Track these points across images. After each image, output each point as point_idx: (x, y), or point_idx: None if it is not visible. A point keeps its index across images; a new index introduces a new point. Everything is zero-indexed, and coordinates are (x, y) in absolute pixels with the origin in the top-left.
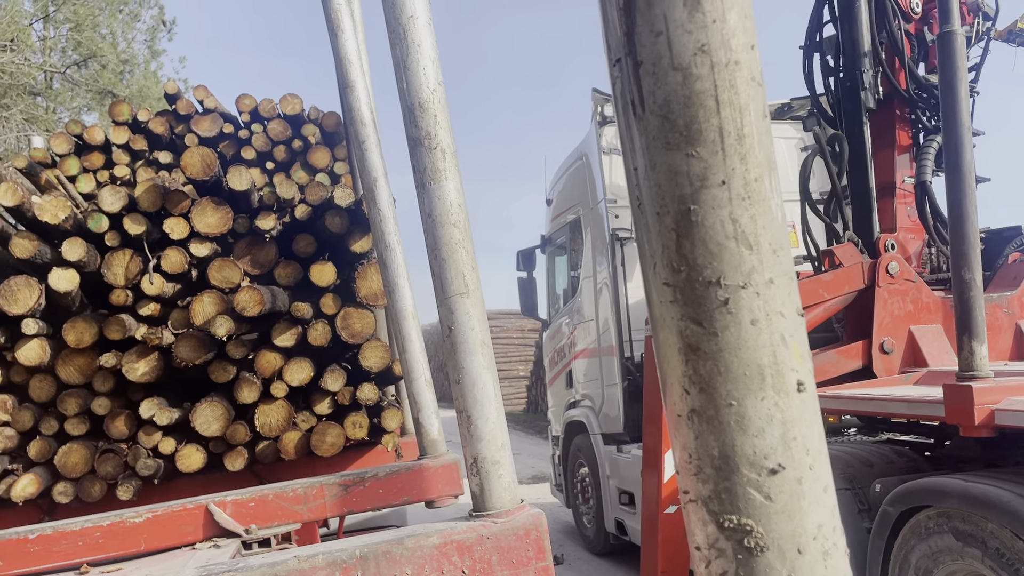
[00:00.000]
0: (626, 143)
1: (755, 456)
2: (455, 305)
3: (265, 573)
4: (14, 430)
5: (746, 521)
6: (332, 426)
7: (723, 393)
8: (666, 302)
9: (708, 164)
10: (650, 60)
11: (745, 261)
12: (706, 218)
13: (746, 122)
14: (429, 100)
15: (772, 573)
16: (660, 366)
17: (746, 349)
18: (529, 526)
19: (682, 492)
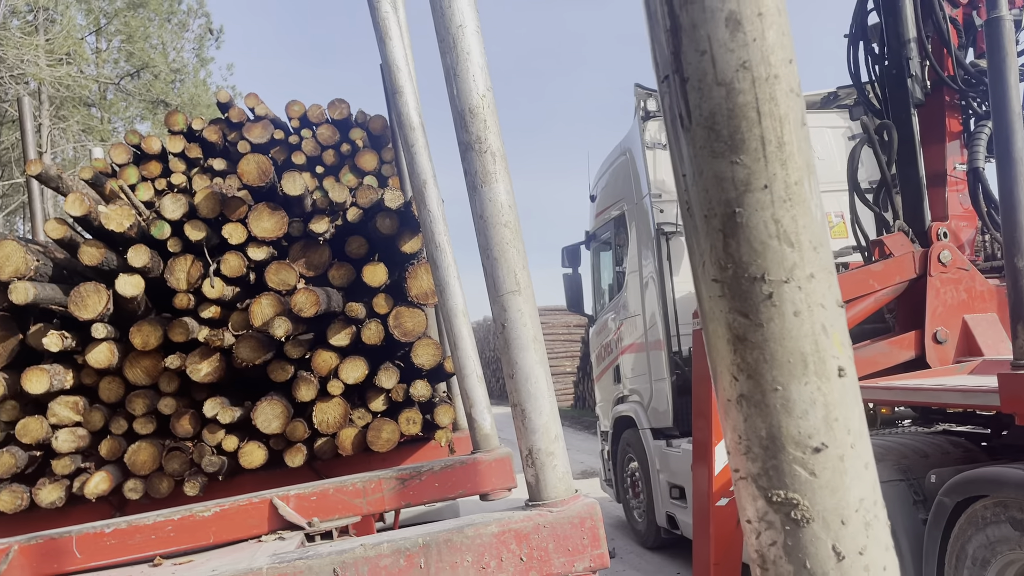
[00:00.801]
0: (675, 152)
1: (800, 436)
2: (507, 303)
3: (334, 560)
4: (86, 430)
5: (793, 495)
6: (387, 422)
7: (769, 379)
8: (715, 297)
9: (751, 170)
10: (696, 76)
11: (787, 258)
12: (750, 219)
13: (786, 131)
14: (479, 106)
15: (817, 542)
16: (710, 355)
17: (790, 338)
18: (584, 515)
19: (733, 470)
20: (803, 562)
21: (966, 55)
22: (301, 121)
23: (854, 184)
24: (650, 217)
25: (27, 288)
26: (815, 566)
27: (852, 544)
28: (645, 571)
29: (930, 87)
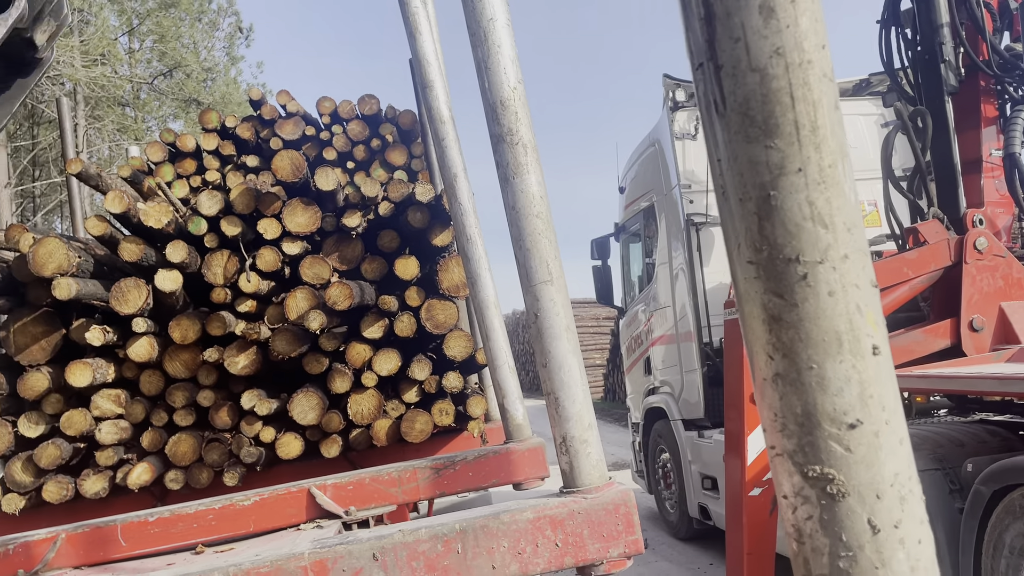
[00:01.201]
0: (709, 137)
1: (835, 413)
2: (540, 292)
3: (373, 545)
4: (128, 422)
5: (828, 470)
6: (420, 413)
7: (804, 358)
8: (750, 278)
9: (785, 154)
10: (730, 63)
11: (821, 239)
12: (785, 202)
13: (819, 115)
14: (510, 98)
15: (853, 516)
16: (746, 336)
17: (824, 318)
18: (618, 501)
19: (769, 447)
20: (839, 535)
21: (1001, 39)
22: (332, 117)
23: (888, 171)
24: (680, 208)
25: (70, 284)
26: (851, 539)
27: (887, 518)
28: (677, 562)
29: (964, 73)
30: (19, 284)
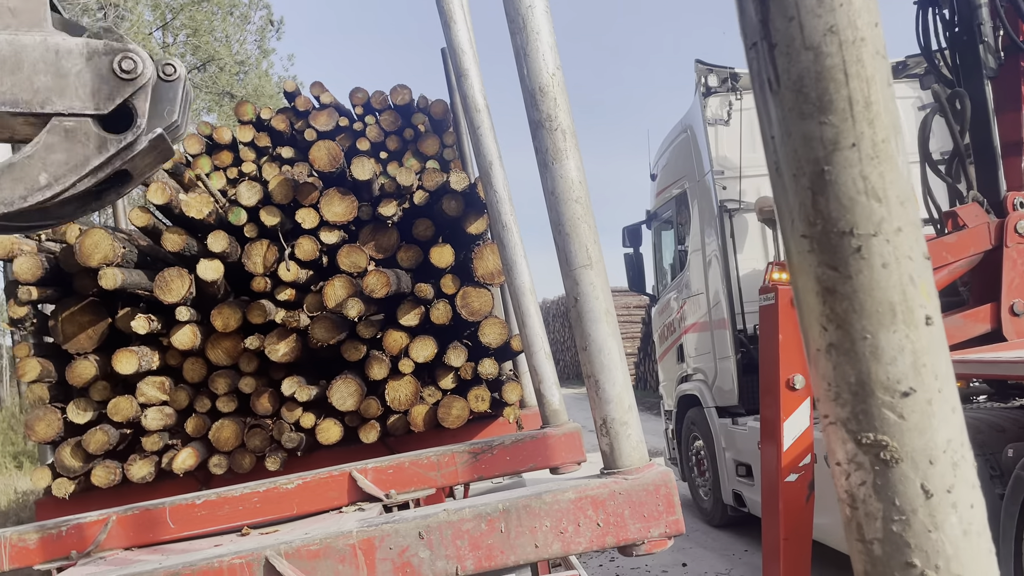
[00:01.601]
0: (763, 115)
1: (888, 381)
2: (580, 276)
3: (419, 524)
4: (172, 408)
5: (881, 437)
6: (457, 399)
7: (858, 328)
8: (804, 252)
9: (839, 130)
10: (784, 42)
11: (875, 212)
12: (839, 177)
13: (872, 91)
14: (549, 84)
15: (906, 481)
16: (799, 308)
17: (878, 289)
18: (659, 482)
19: (822, 416)
20: (892, 500)
21: None
22: (365, 108)
23: (925, 155)
24: (713, 194)
25: (115, 274)
26: (904, 503)
27: (940, 483)
28: (712, 548)
29: (1004, 54)
30: (66, 274)
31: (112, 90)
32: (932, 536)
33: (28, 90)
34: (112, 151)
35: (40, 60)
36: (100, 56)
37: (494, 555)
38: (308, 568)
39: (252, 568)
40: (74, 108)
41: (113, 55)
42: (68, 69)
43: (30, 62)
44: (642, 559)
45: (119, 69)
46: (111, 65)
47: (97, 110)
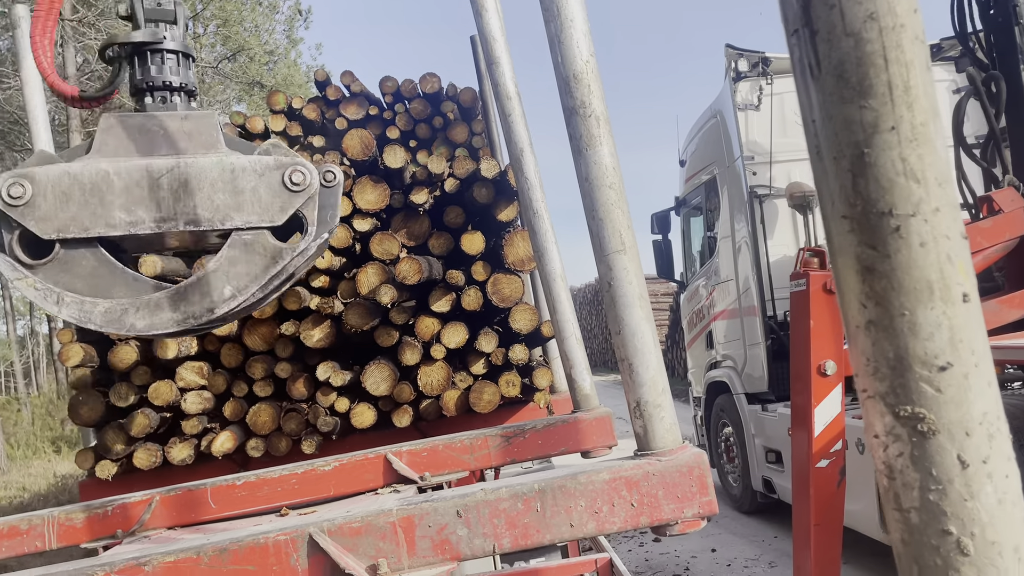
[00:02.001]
0: (804, 99)
1: (926, 356)
2: (613, 262)
3: (457, 503)
4: (211, 392)
5: (919, 410)
6: (488, 384)
7: (896, 305)
8: (844, 232)
9: (879, 113)
10: (825, 29)
11: (914, 193)
12: (878, 159)
13: (911, 75)
14: (583, 71)
15: (943, 452)
16: (839, 286)
17: (916, 267)
18: (692, 464)
19: (860, 391)
20: (929, 470)
21: None
22: (394, 96)
23: (959, 139)
24: (743, 180)
25: (155, 261)
26: (940, 474)
27: (976, 454)
28: (741, 535)
29: None
30: None
31: (284, 202)
32: (968, 505)
33: (209, 208)
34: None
35: (218, 179)
36: (272, 171)
37: (530, 533)
38: (350, 544)
39: (296, 544)
40: (251, 222)
41: (283, 169)
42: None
43: (209, 182)
44: (671, 545)
45: (290, 182)
46: (282, 179)
47: (272, 222)
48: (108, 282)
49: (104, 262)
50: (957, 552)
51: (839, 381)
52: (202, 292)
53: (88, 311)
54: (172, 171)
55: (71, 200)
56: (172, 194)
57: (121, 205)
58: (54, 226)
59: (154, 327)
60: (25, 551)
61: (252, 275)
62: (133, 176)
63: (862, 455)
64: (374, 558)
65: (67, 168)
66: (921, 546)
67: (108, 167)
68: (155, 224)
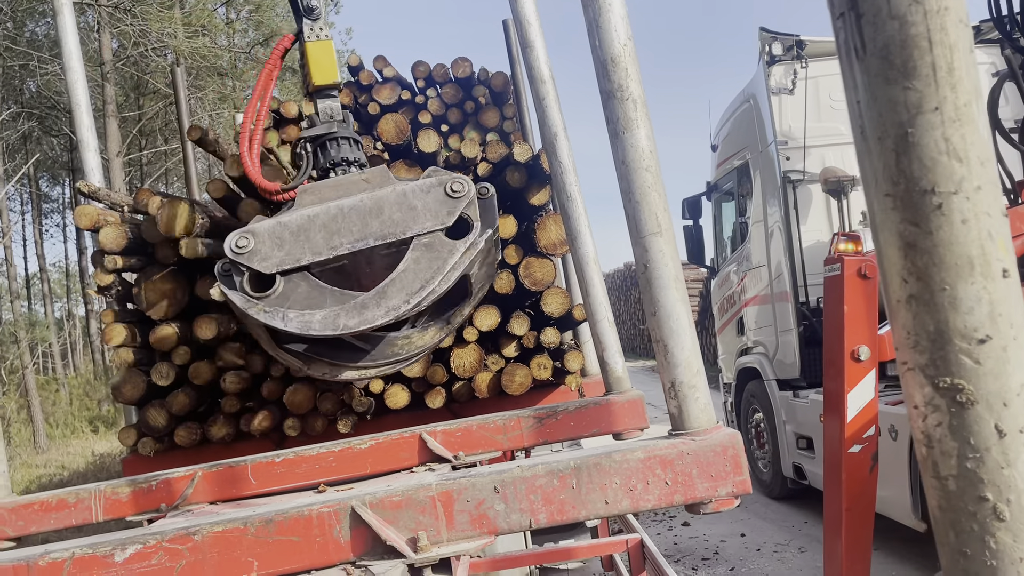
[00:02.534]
0: (848, 81)
1: (966, 329)
2: (649, 244)
3: (495, 479)
4: (248, 372)
5: (958, 381)
6: (520, 367)
7: (937, 280)
8: (887, 210)
9: (923, 94)
10: (871, 12)
11: (956, 172)
12: (921, 139)
13: (955, 57)
14: (620, 55)
15: (981, 422)
16: (880, 262)
17: (957, 244)
18: (726, 444)
19: (900, 363)
20: (967, 439)
21: None
22: (426, 81)
23: (995, 122)
24: (776, 165)
25: (196, 244)
26: (978, 442)
27: (1013, 423)
28: (772, 520)
29: None
30: (148, 244)
31: (450, 208)
32: (1004, 472)
33: (391, 225)
34: (461, 251)
35: (395, 203)
36: (435, 187)
37: (566, 510)
38: (391, 517)
39: (339, 517)
40: (427, 228)
41: (444, 183)
42: (416, 203)
43: (388, 205)
44: (699, 529)
45: (451, 191)
46: (445, 190)
47: (444, 224)
48: (320, 298)
49: (315, 285)
50: (993, 518)
51: (873, 366)
52: (397, 288)
53: (308, 321)
54: (360, 203)
55: (284, 242)
56: (361, 220)
57: (323, 237)
58: (274, 263)
59: (364, 323)
60: (73, 523)
61: (435, 268)
62: (330, 213)
63: (895, 441)
64: (414, 531)
65: (278, 219)
66: (958, 512)
67: (309, 211)
68: (351, 244)
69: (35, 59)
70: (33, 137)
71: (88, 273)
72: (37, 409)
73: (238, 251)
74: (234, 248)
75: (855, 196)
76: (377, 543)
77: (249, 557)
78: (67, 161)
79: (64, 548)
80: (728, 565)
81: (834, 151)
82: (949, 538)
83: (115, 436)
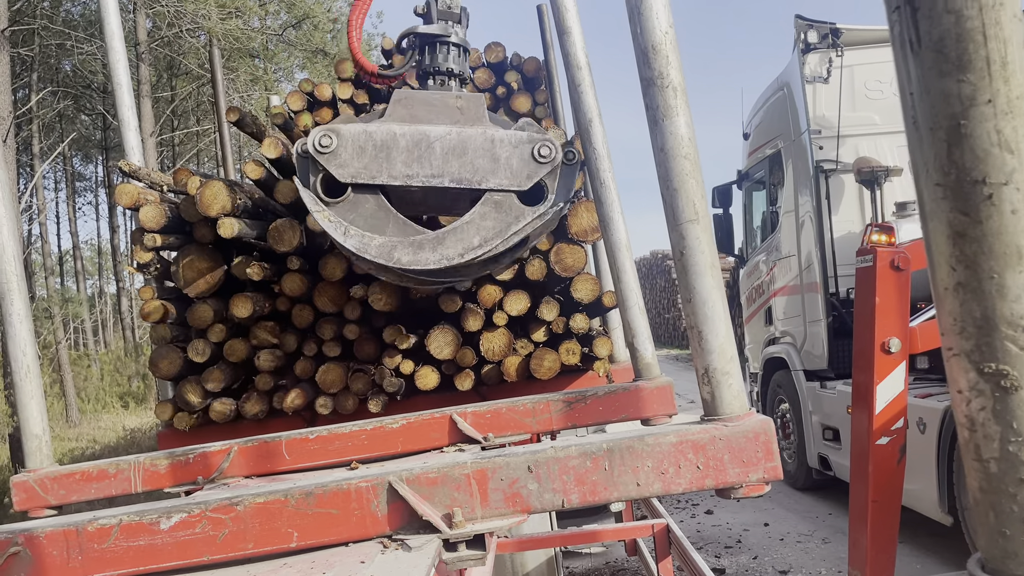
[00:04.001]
0: (902, 73)
1: (1012, 317)
2: (686, 231)
3: (528, 459)
4: (282, 351)
5: (1003, 367)
6: (549, 352)
7: (986, 269)
8: (937, 199)
9: (976, 87)
10: (926, 6)
11: (1007, 163)
12: (974, 130)
13: (1009, 51)
14: (661, 42)
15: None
16: (929, 250)
17: (1007, 233)
18: (758, 430)
19: (946, 349)
20: (1010, 423)
21: None
22: None
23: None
24: (809, 154)
25: (233, 223)
26: (1021, 427)
27: None
28: (796, 511)
29: None
30: (186, 223)
31: (532, 171)
32: None
33: (470, 170)
34: (528, 219)
35: (480, 148)
36: (525, 144)
37: (598, 491)
38: (427, 493)
39: (376, 491)
40: (503, 185)
41: (534, 144)
42: (500, 154)
43: (472, 148)
44: (723, 517)
45: (538, 155)
46: (532, 151)
47: (519, 187)
48: (384, 223)
49: (383, 207)
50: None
51: (903, 359)
52: (456, 238)
53: (367, 243)
54: (446, 137)
55: (365, 153)
56: (443, 155)
57: (403, 161)
58: (350, 172)
59: (416, 263)
60: (112, 493)
61: (497, 230)
62: (415, 138)
63: (923, 434)
64: (449, 507)
65: (365, 127)
66: (999, 494)
67: (396, 129)
68: (427, 178)
69: (72, 38)
70: (67, 116)
71: (120, 251)
72: (69, 384)
73: (321, 149)
74: (317, 145)
75: (888, 187)
76: (413, 518)
77: (289, 528)
78: (100, 140)
79: (112, 515)
80: (751, 554)
81: (868, 141)
82: (989, 519)
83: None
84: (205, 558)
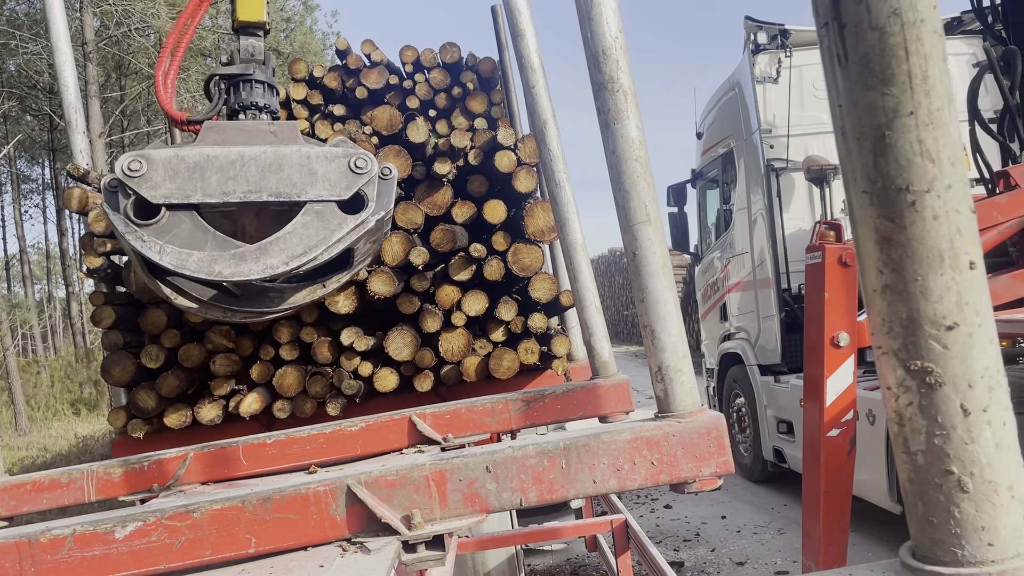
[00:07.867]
0: (831, 86)
1: (935, 316)
2: (638, 232)
3: (486, 459)
4: (238, 355)
5: (927, 364)
6: (507, 351)
7: (910, 271)
8: (864, 206)
9: (899, 100)
10: (852, 22)
11: (929, 172)
12: (898, 141)
13: (929, 66)
14: (611, 47)
15: (948, 402)
16: (858, 254)
17: (929, 238)
18: (710, 425)
19: (876, 347)
20: (935, 417)
21: None
22: (414, 66)
23: (975, 113)
24: (760, 153)
25: None
26: (945, 421)
27: (977, 403)
28: (752, 503)
29: None
30: None
31: (350, 182)
32: (969, 448)
33: (288, 184)
34: (351, 226)
35: (297, 163)
36: (340, 158)
37: (556, 489)
38: (386, 496)
39: (335, 495)
40: (322, 195)
41: (349, 157)
42: (317, 168)
43: (289, 164)
44: (681, 511)
45: (355, 166)
46: (348, 164)
47: (339, 197)
48: (202, 241)
49: (199, 226)
50: (958, 490)
51: (852, 352)
52: (279, 248)
53: (184, 259)
54: (261, 156)
55: (178, 175)
56: (260, 172)
57: (218, 179)
58: (163, 193)
59: (239, 274)
60: (65, 503)
61: (320, 237)
62: (230, 158)
63: (872, 426)
64: (408, 509)
65: (177, 150)
66: (926, 484)
67: (210, 151)
68: (244, 195)
69: (16, 38)
70: (12, 117)
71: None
72: (18, 391)
73: (130, 173)
74: (125, 170)
75: (837, 184)
76: (372, 520)
77: (247, 534)
78: (47, 141)
79: (65, 525)
80: (709, 546)
81: (817, 140)
82: (918, 509)
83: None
84: (162, 567)
